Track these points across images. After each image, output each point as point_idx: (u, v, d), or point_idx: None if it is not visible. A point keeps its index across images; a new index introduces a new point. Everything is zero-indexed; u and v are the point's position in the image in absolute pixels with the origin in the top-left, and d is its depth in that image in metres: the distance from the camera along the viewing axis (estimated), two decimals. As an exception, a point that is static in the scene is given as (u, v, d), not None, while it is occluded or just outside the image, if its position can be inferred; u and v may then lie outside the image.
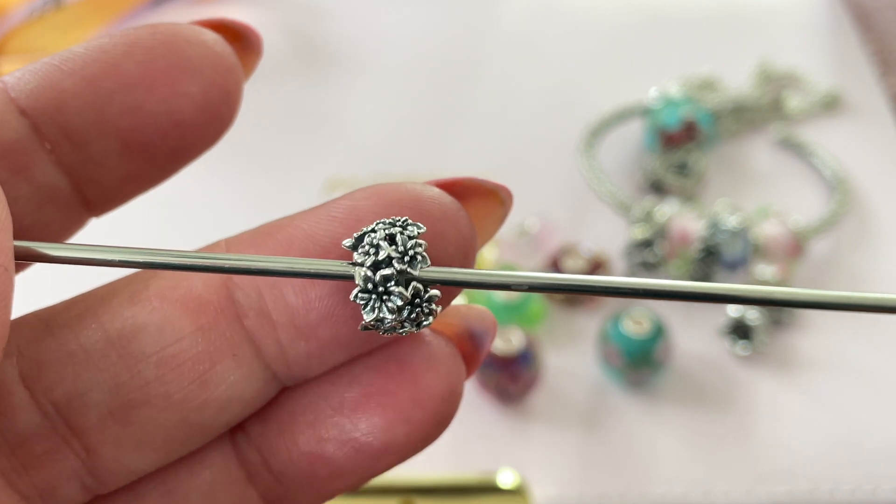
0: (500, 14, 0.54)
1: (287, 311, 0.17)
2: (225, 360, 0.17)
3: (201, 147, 0.18)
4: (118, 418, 0.17)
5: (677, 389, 0.36)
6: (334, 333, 0.17)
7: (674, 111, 0.44)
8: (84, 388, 0.17)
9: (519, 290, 0.17)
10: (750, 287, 0.17)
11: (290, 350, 0.17)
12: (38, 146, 0.17)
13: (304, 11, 0.54)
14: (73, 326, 0.17)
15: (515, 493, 0.32)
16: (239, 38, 0.19)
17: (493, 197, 0.18)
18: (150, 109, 0.17)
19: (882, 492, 0.33)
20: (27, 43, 0.48)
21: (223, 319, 0.17)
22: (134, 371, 0.17)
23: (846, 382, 0.36)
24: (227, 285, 0.17)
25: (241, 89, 0.18)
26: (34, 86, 0.17)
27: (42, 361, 0.17)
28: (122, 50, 0.17)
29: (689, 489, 0.33)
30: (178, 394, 0.17)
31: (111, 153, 0.18)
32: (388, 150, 0.46)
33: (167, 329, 0.17)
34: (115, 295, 0.17)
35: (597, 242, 0.40)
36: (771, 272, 0.38)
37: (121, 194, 0.19)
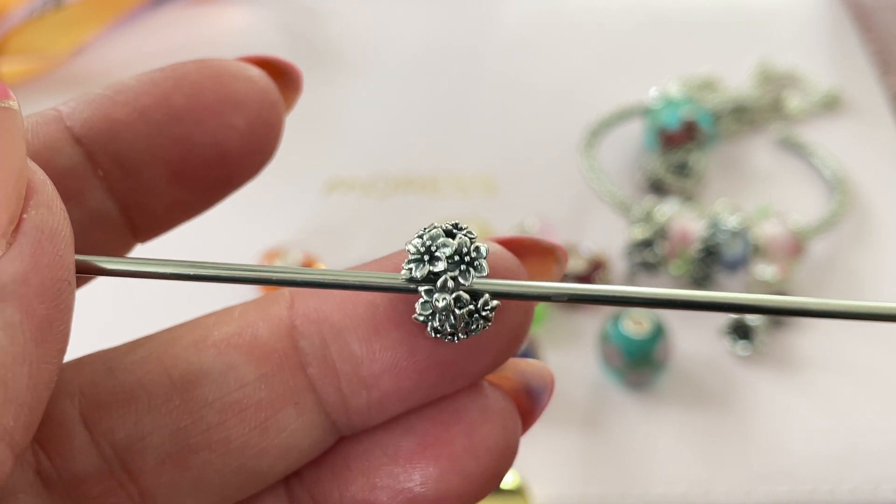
0: (500, 14, 0.54)
1: (351, 360, 0.17)
2: (286, 408, 0.17)
3: (245, 177, 0.19)
4: (176, 463, 0.17)
5: (677, 389, 0.36)
6: (397, 385, 0.17)
7: (674, 111, 0.44)
8: (145, 431, 0.17)
9: (559, 300, 0.17)
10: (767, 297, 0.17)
11: (352, 400, 0.18)
12: (90, 173, 0.18)
13: (304, 11, 0.54)
14: (137, 370, 0.17)
15: (515, 493, 0.32)
16: (281, 73, 0.19)
17: (549, 255, 0.18)
18: (197, 140, 0.18)
19: (882, 492, 0.33)
20: (27, 43, 0.48)
21: (286, 367, 0.17)
22: (196, 416, 0.17)
23: (846, 382, 0.36)
24: (291, 333, 0.17)
25: (283, 123, 0.19)
26: (88, 115, 0.18)
27: (104, 403, 0.17)
28: (172, 83, 0.18)
29: (689, 489, 0.33)
30: (238, 440, 0.17)
31: (160, 181, 0.18)
32: (388, 150, 0.46)
33: (231, 375, 0.17)
34: (180, 339, 0.18)
35: (597, 242, 0.40)
36: (771, 272, 0.38)
37: (167, 221, 0.19)
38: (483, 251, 0.17)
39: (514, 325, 0.18)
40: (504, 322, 0.17)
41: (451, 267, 0.17)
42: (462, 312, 0.16)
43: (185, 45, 0.51)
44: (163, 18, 0.52)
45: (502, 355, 0.18)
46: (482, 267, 0.17)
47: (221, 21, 0.52)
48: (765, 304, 0.17)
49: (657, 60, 0.50)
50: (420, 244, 0.17)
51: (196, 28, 0.52)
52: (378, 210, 0.43)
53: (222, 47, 0.50)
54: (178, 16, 0.52)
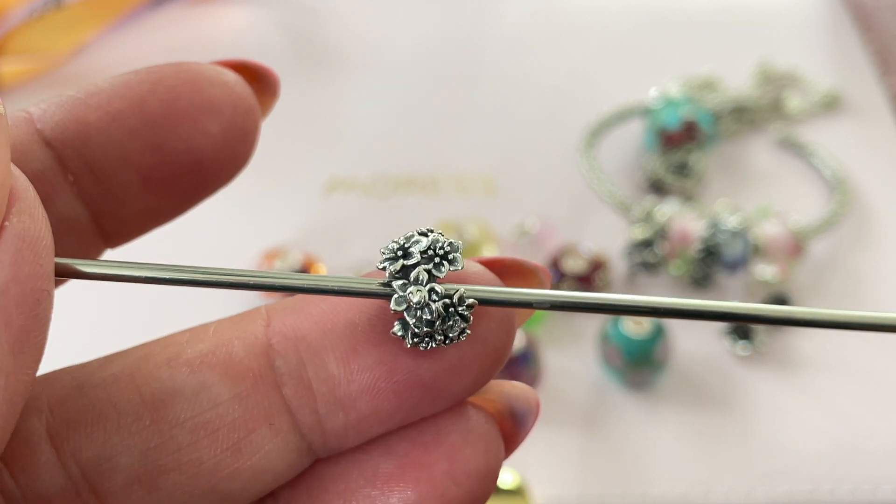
0: (500, 14, 0.54)
1: (328, 381, 0.17)
2: (261, 429, 0.17)
3: (218, 184, 0.19)
4: (145, 484, 0.16)
5: (677, 389, 0.36)
6: (375, 407, 0.17)
7: (674, 111, 0.44)
8: (114, 451, 0.16)
9: (541, 308, 0.17)
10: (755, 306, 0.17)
11: (328, 421, 0.17)
12: (61, 178, 0.18)
13: (304, 11, 0.54)
14: (108, 387, 0.17)
15: (515, 493, 0.32)
16: (258, 78, 0.19)
17: (532, 277, 0.18)
18: (171, 146, 0.18)
19: (882, 492, 0.33)
20: (27, 43, 0.48)
21: (261, 387, 0.17)
22: (167, 436, 0.16)
23: (846, 382, 0.36)
24: (267, 352, 0.17)
25: (259, 129, 0.19)
26: (60, 118, 0.17)
27: (72, 421, 0.16)
28: (147, 87, 0.18)
29: (689, 489, 0.33)
30: (209, 461, 0.17)
31: (131, 187, 0.18)
32: (388, 150, 0.46)
33: (203, 394, 0.17)
34: (153, 356, 0.17)
35: (597, 242, 0.40)
36: (771, 272, 0.38)
37: (138, 227, 0.19)
38: (457, 246, 0.16)
39: (495, 344, 0.17)
40: (485, 342, 0.17)
41: (425, 261, 0.16)
42: (437, 306, 0.16)
43: (185, 45, 0.51)
44: (163, 18, 0.52)
45: (484, 376, 0.17)
46: (456, 260, 0.16)
47: (221, 21, 0.52)
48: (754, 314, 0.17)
49: (657, 60, 0.50)
50: (395, 245, 0.17)
51: (196, 28, 0.52)
52: (378, 210, 0.43)
53: (222, 47, 0.50)
54: (178, 16, 0.52)
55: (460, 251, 0.17)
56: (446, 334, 0.16)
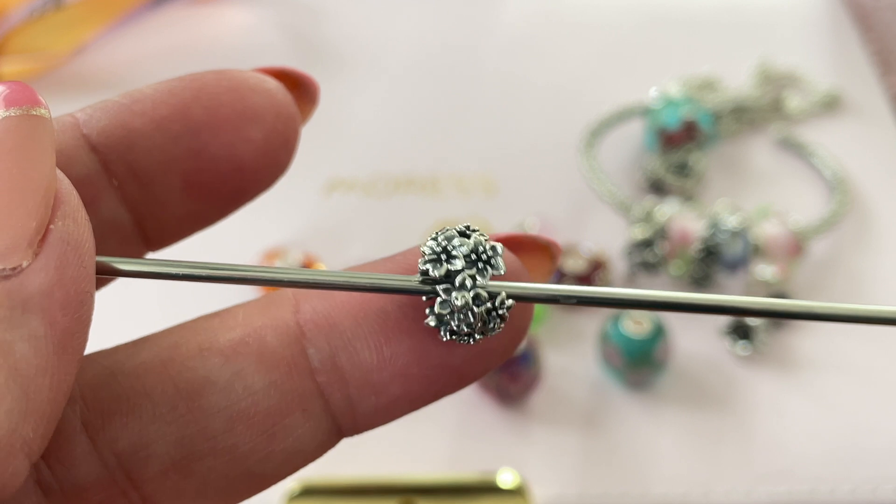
0: (500, 14, 0.54)
1: (361, 367, 0.17)
2: (294, 414, 0.17)
3: (258, 190, 0.19)
4: (180, 469, 0.17)
5: (677, 389, 0.36)
6: (406, 390, 0.17)
7: (674, 111, 0.44)
8: (149, 440, 0.17)
9: (567, 303, 0.17)
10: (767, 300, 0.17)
11: (360, 405, 0.18)
12: (105, 182, 0.18)
13: (304, 11, 0.54)
14: (140, 376, 0.17)
15: (515, 493, 0.32)
16: (298, 85, 0.20)
17: (545, 252, 0.19)
18: (213, 152, 0.18)
19: (882, 492, 0.33)
20: (27, 43, 0.48)
21: (295, 374, 0.17)
22: (202, 424, 0.17)
23: (846, 382, 0.36)
24: (299, 340, 0.17)
25: (299, 136, 0.19)
26: (105, 124, 0.18)
27: (107, 411, 0.17)
28: (190, 94, 0.18)
29: (689, 489, 0.33)
30: (244, 446, 0.17)
31: (173, 192, 0.18)
32: (388, 150, 0.46)
33: (238, 384, 0.17)
34: (184, 344, 0.17)
35: (597, 242, 0.40)
36: (771, 272, 0.38)
37: (179, 231, 0.19)
38: (499, 250, 0.17)
39: (517, 326, 0.18)
40: (511, 326, 0.17)
41: (469, 265, 0.17)
42: (480, 310, 0.16)
43: (185, 44, 0.51)
44: (163, 18, 0.52)
45: (504, 356, 0.18)
46: (499, 265, 0.17)
47: (221, 21, 0.52)
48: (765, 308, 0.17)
49: (657, 60, 0.50)
50: (435, 245, 0.17)
51: (196, 28, 0.52)
52: (378, 210, 0.43)
53: (222, 47, 0.50)
54: (179, 16, 0.52)
55: (502, 254, 0.17)
56: (484, 333, 0.17)
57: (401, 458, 0.34)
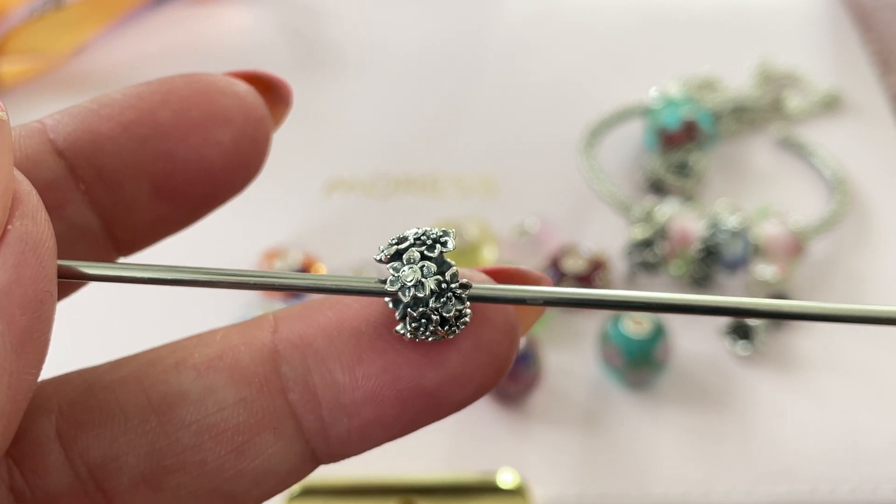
0: (500, 14, 0.54)
1: (333, 387, 0.17)
2: (265, 433, 0.17)
3: (229, 194, 0.19)
4: (151, 484, 0.17)
5: (677, 389, 0.36)
6: (379, 414, 0.17)
7: (674, 111, 0.44)
8: (120, 451, 0.17)
9: (534, 304, 0.17)
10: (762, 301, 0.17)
11: (332, 427, 0.17)
12: (72, 186, 0.18)
13: (304, 11, 0.54)
14: (116, 389, 0.17)
15: (515, 493, 0.32)
16: (270, 89, 0.19)
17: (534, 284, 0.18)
18: (182, 156, 0.18)
19: (882, 492, 0.33)
20: (27, 43, 0.48)
21: (267, 392, 0.17)
22: (172, 438, 0.17)
23: (846, 382, 0.36)
24: (273, 358, 0.17)
25: (270, 139, 0.19)
26: (72, 128, 0.18)
27: (81, 422, 0.17)
28: (158, 98, 0.18)
29: (689, 489, 0.33)
30: (213, 462, 0.17)
31: (142, 196, 0.18)
32: (388, 150, 0.46)
33: (209, 398, 0.17)
34: (161, 361, 0.17)
35: (597, 242, 0.40)
36: (771, 272, 0.38)
37: (149, 236, 0.19)
38: (449, 232, 0.17)
39: (499, 353, 0.17)
40: (489, 350, 0.17)
41: (418, 244, 0.17)
42: (430, 282, 0.16)
43: (185, 45, 0.51)
44: (163, 18, 0.52)
45: (486, 385, 0.18)
46: (447, 242, 0.17)
47: (221, 21, 0.52)
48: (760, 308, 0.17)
49: (657, 60, 0.50)
50: (390, 240, 0.17)
51: (196, 28, 0.52)
52: (378, 210, 0.43)
53: (222, 47, 0.50)
54: (178, 16, 0.52)
55: (453, 237, 0.17)
56: (443, 316, 0.16)
57: (401, 458, 0.34)
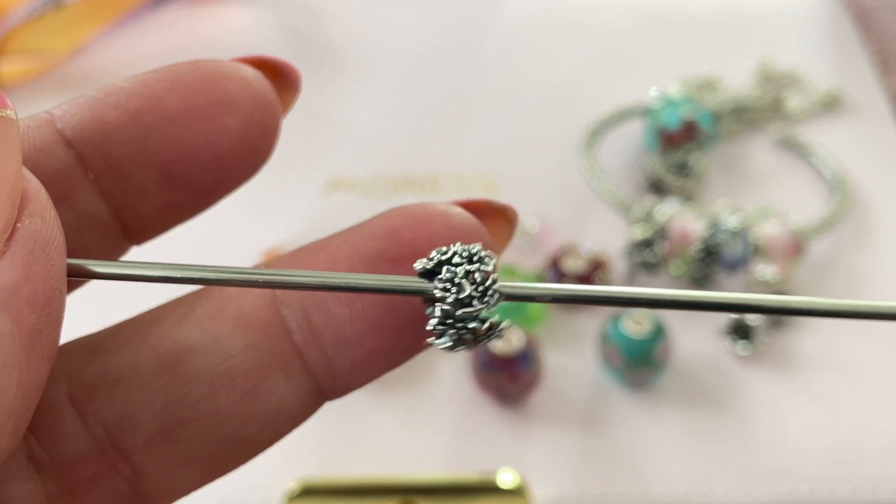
0: (500, 14, 0.54)
1: (334, 323, 0.18)
2: (274, 374, 0.18)
3: (239, 179, 0.19)
4: (167, 436, 0.17)
5: (677, 389, 0.36)
6: (380, 343, 0.18)
7: (674, 111, 0.44)
8: (134, 409, 0.17)
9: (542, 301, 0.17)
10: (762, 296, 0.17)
11: (336, 361, 0.18)
12: (81, 176, 0.18)
13: (304, 11, 0.54)
14: (122, 349, 0.18)
15: (515, 493, 0.32)
16: (278, 74, 0.19)
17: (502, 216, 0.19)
18: (189, 143, 0.18)
19: (882, 492, 0.33)
20: (27, 43, 0.48)
21: (272, 335, 0.18)
22: (185, 390, 0.17)
23: (846, 382, 0.36)
24: (274, 303, 0.18)
25: (279, 124, 0.19)
26: (80, 118, 0.18)
27: (92, 385, 0.17)
28: (164, 85, 0.18)
29: (689, 489, 0.33)
30: (227, 409, 0.17)
31: (151, 184, 0.18)
32: (388, 150, 0.46)
33: (217, 347, 0.17)
34: (164, 318, 0.18)
35: (597, 242, 0.40)
36: (771, 272, 0.38)
37: (160, 223, 0.19)
38: (493, 255, 0.17)
39: None
40: None
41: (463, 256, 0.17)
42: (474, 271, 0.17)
43: (185, 45, 0.51)
44: (163, 18, 0.52)
45: None
46: (488, 262, 0.17)
47: (221, 21, 0.52)
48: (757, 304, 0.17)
49: (657, 60, 0.50)
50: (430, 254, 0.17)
51: (196, 28, 0.52)
52: (378, 210, 0.43)
53: (222, 47, 0.50)
54: (178, 16, 0.52)
55: (494, 259, 0.17)
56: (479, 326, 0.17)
57: (401, 458, 0.34)
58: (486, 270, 0.17)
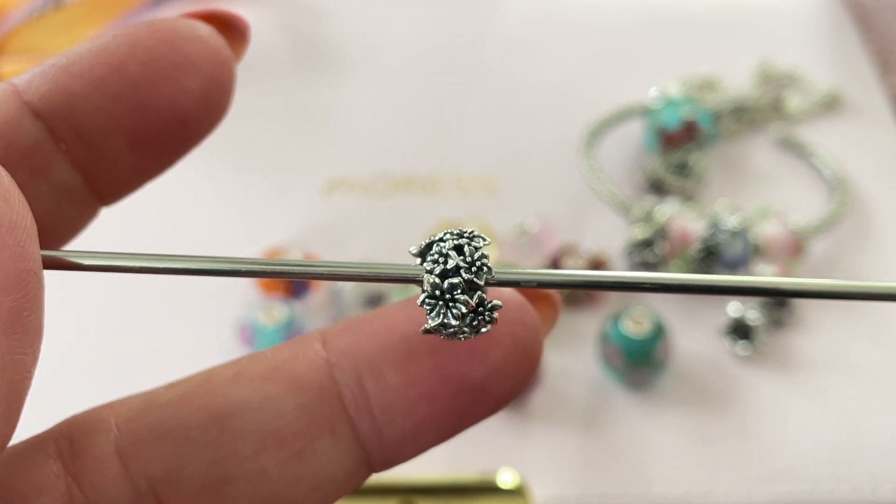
0: (500, 14, 0.54)
1: (387, 390, 0.18)
2: (323, 437, 0.18)
3: (201, 136, 0.19)
4: (211, 493, 0.17)
5: (677, 389, 0.36)
6: (431, 412, 0.18)
7: (674, 111, 0.44)
8: (182, 463, 0.17)
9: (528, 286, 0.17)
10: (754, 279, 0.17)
11: (387, 430, 0.18)
12: (53, 147, 0.18)
13: (304, 11, 0.54)
14: (174, 406, 0.18)
15: (515, 493, 0.32)
16: (228, 27, 0.20)
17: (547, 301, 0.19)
18: (154, 108, 0.18)
19: (882, 492, 0.33)
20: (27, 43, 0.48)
21: (324, 397, 0.18)
22: (233, 447, 0.17)
23: (846, 382, 0.36)
24: (327, 366, 0.18)
25: (235, 78, 0.19)
26: (45, 89, 0.18)
27: (141, 439, 0.17)
28: (125, 51, 0.18)
29: (689, 489, 0.33)
30: (273, 469, 0.17)
31: (121, 150, 0.19)
32: (388, 150, 0.46)
33: (269, 407, 0.17)
34: (217, 376, 0.18)
35: (597, 242, 0.40)
36: (771, 272, 0.38)
37: (130, 185, 0.20)
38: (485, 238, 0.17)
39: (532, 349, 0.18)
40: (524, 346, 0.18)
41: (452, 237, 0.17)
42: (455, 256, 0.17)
43: (185, 45, 0.51)
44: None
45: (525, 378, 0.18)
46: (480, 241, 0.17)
47: (221, 21, 0.52)
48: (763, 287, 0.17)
49: (657, 60, 0.50)
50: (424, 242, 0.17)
51: (196, 28, 0.51)
52: (378, 210, 0.43)
53: (222, 47, 0.50)
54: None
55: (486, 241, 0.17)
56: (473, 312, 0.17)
57: (401, 458, 0.34)
58: (476, 246, 0.17)
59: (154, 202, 0.23)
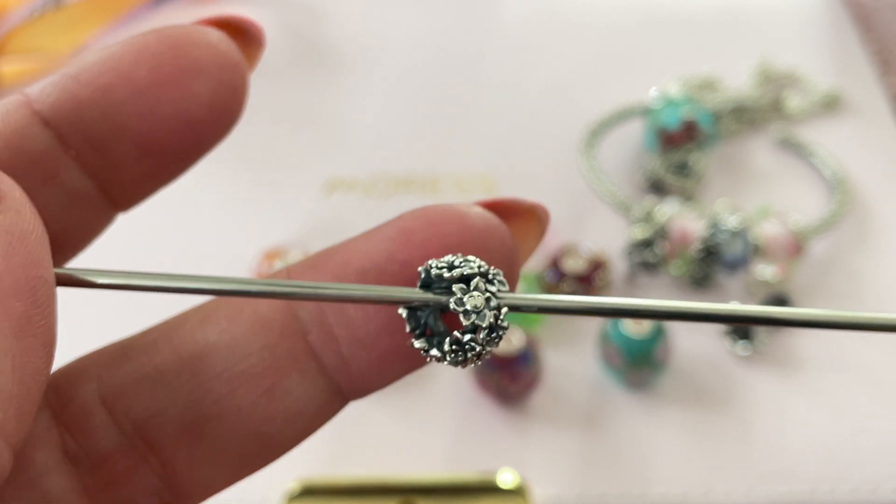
0: (500, 14, 0.54)
1: (348, 324, 0.18)
2: (291, 374, 0.18)
3: (213, 141, 0.19)
4: (192, 433, 0.18)
5: (677, 389, 0.36)
6: (394, 343, 0.18)
7: (674, 111, 0.44)
8: (160, 406, 0.18)
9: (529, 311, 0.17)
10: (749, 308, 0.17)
11: (353, 362, 0.18)
12: (63, 154, 0.18)
13: (304, 11, 0.54)
14: (148, 351, 0.19)
15: (515, 493, 0.32)
16: (241, 32, 0.20)
17: (530, 215, 0.19)
18: (162, 112, 0.18)
19: (882, 492, 0.33)
20: (27, 43, 0.48)
21: (288, 336, 0.18)
22: (206, 388, 0.18)
23: (846, 382, 0.36)
24: (289, 306, 0.19)
25: (247, 83, 0.19)
26: (55, 97, 0.18)
27: (120, 384, 0.18)
28: (132, 58, 0.18)
29: (689, 489, 0.33)
30: (247, 407, 0.18)
31: (130, 155, 0.19)
32: (388, 150, 0.46)
33: (236, 348, 0.18)
34: (187, 321, 0.19)
35: (597, 242, 0.40)
36: (771, 272, 0.38)
37: (143, 190, 0.20)
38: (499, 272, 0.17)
39: None
40: None
41: (481, 275, 0.17)
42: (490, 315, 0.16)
43: (185, 45, 0.51)
44: (163, 18, 0.52)
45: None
46: (505, 283, 0.17)
47: (221, 21, 0.52)
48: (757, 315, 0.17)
49: (657, 60, 0.50)
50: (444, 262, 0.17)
51: (196, 28, 0.52)
52: (378, 210, 0.43)
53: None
54: (178, 16, 0.52)
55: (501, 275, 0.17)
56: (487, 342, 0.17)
57: (401, 458, 0.34)
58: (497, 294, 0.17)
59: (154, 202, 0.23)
